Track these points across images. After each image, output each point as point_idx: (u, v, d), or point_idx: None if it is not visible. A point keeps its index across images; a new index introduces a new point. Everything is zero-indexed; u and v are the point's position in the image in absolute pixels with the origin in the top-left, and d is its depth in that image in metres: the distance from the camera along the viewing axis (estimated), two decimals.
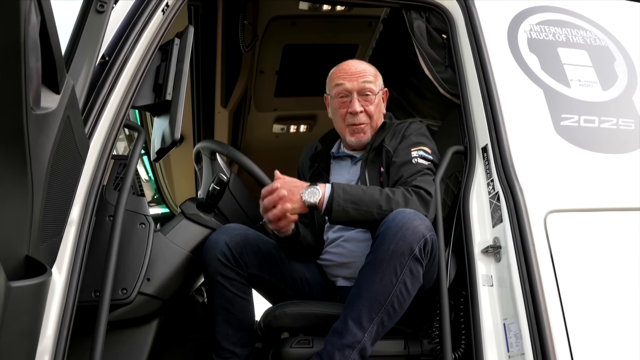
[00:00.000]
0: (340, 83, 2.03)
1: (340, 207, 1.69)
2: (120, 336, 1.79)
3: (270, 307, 1.86)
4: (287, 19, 3.06)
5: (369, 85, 2.02)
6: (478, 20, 2.10)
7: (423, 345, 1.78)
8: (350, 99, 2.01)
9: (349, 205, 1.70)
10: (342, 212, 1.69)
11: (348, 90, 2.01)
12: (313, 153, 2.20)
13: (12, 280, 0.92)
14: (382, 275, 1.54)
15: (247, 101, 3.58)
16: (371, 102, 2.02)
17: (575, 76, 2.06)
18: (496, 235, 1.76)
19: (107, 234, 1.63)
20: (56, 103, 1.11)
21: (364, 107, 2.01)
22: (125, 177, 1.65)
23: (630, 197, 1.80)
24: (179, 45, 1.85)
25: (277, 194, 1.69)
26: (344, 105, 2.02)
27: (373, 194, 1.73)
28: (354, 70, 2.04)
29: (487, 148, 1.90)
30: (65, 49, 1.56)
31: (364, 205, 1.70)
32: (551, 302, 1.60)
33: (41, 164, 1.08)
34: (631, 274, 1.68)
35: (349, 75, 2.03)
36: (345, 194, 1.71)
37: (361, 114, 2.00)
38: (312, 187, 1.73)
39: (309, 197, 1.71)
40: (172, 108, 1.75)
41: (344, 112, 2.03)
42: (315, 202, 1.70)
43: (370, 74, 2.05)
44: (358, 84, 2.01)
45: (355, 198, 1.71)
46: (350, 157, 2.12)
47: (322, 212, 1.72)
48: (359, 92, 2.01)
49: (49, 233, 1.19)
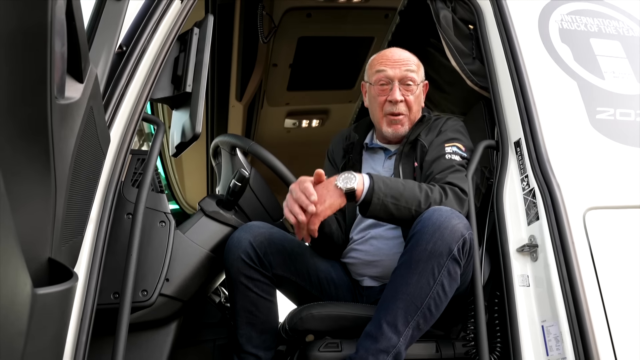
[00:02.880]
0: (382, 69, 1.94)
1: (380, 200, 1.58)
2: (138, 339, 1.71)
3: (296, 308, 1.78)
4: (303, 11, 2.98)
5: (412, 75, 1.93)
6: (508, 11, 2.02)
7: (455, 348, 1.71)
8: (391, 87, 1.92)
9: (389, 200, 1.58)
10: (380, 205, 1.58)
11: (389, 78, 1.93)
12: (348, 142, 2.10)
13: (36, 286, 0.84)
14: (419, 276, 1.46)
15: (261, 95, 3.50)
16: (412, 92, 1.93)
17: (609, 68, 1.97)
18: (532, 234, 1.68)
19: (125, 232, 1.56)
20: (80, 93, 1.03)
21: (405, 97, 1.92)
22: (145, 172, 1.58)
23: None
24: (198, 35, 1.78)
25: (308, 206, 1.53)
26: (383, 93, 1.94)
27: (413, 189, 1.63)
28: (397, 57, 1.96)
29: (520, 142, 1.82)
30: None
31: (403, 201, 1.60)
32: (593, 304, 1.53)
33: (64, 159, 1.00)
34: None
35: (391, 62, 1.94)
36: (386, 187, 1.60)
37: (401, 104, 1.92)
38: (346, 173, 1.61)
39: (345, 183, 1.58)
40: (193, 100, 1.67)
41: (382, 100, 1.94)
42: (353, 187, 1.58)
43: (414, 63, 1.97)
44: (400, 72, 1.92)
45: (396, 192, 1.60)
46: (383, 150, 2.03)
47: (359, 202, 1.61)
48: (401, 81, 1.92)
49: (70, 233, 1.12)
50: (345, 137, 2.14)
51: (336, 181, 1.60)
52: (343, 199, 1.59)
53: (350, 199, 1.60)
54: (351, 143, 2.09)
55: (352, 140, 2.09)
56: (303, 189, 1.57)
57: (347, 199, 1.60)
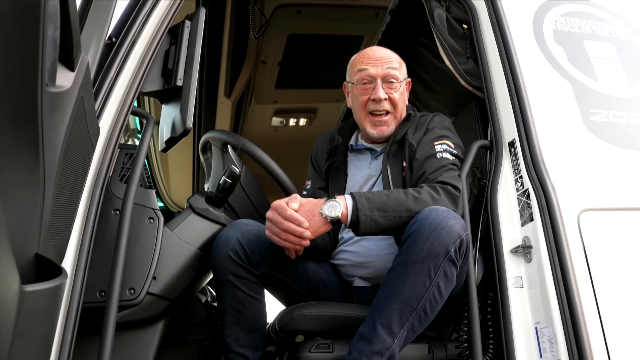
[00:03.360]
0: (364, 68, 1.91)
1: (367, 217, 1.56)
2: (124, 339, 1.66)
3: (287, 308, 1.75)
4: (293, 7, 2.94)
5: (394, 72, 1.90)
6: (502, 11, 2.01)
7: (448, 350, 1.69)
8: (373, 86, 1.89)
9: (376, 214, 1.57)
10: (369, 222, 1.56)
11: (372, 76, 1.90)
12: (332, 145, 2.07)
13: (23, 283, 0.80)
14: (415, 277, 1.44)
15: (249, 92, 3.45)
16: (396, 90, 1.90)
17: (602, 70, 1.98)
18: (526, 235, 1.67)
19: (112, 229, 1.52)
20: (71, 81, 0.98)
21: (388, 95, 1.89)
22: (133, 167, 1.53)
23: None
24: (190, 28, 1.73)
25: (302, 233, 1.56)
26: (366, 92, 1.90)
27: (398, 197, 1.61)
28: (378, 55, 1.93)
29: (514, 143, 1.81)
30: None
31: (391, 211, 1.57)
32: (587, 306, 1.52)
33: (54, 150, 0.95)
34: None
35: (373, 60, 1.91)
36: (369, 202, 1.58)
37: (385, 101, 1.89)
38: (330, 200, 1.61)
39: (329, 211, 1.58)
40: (184, 95, 1.63)
41: (365, 99, 1.90)
42: (337, 216, 1.58)
43: (395, 60, 1.94)
44: (383, 70, 1.89)
45: (380, 205, 1.58)
46: (369, 151, 2.00)
47: (348, 225, 1.60)
48: (383, 79, 1.89)
49: (58, 228, 1.07)
50: (329, 140, 2.11)
51: (321, 209, 1.59)
52: (328, 225, 1.60)
53: (335, 223, 1.61)
54: (335, 145, 2.06)
55: (336, 143, 2.06)
56: (289, 217, 1.57)
57: (332, 224, 1.60)
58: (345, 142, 2.04)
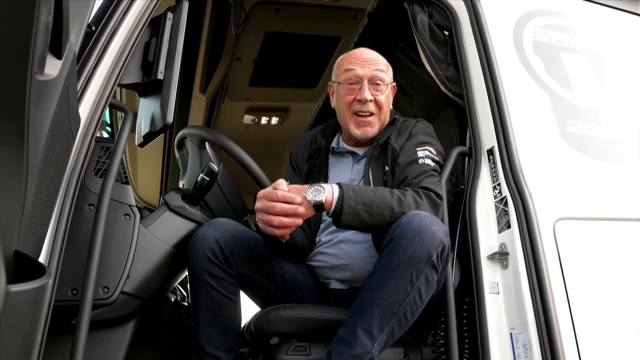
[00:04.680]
0: (351, 68, 1.90)
1: (351, 209, 1.55)
2: (94, 338, 1.60)
3: (263, 310, 1.72)
4: (272, 5, 2.91)
5: (381, 75, 1.90)
6: (484, 20, 2.04)
7: (423, 353, 1.70)
8: (360, 86, 1.88)
9: (360, 208, 1.56)
10: (352, 214, 1.55)
11: (359, 77, 1.89)
12: (314, 147, 2.05)
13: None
14: (397, 281, 1.43)
15: (224, 89, 3.40)
16: (382, 92, 1.90)
17: (578, 82, 2.03)
18: (503, 242, 1.69)
19: (87, 225, 1.46)
20: (57, 70, 0.94)
21: (374, 96, 1.88)
22: (111, 161, 1.48)
23: (636, 207, 1.78)
24: (172, 21, 1.69)
25: (296, 210, 1.52)
26: (352, 92, 1.89)
27: (384, 195, 1.60)
28: (366, 57, 1.93)
29: (493, 150, 1.83)
30: None
31: (375, 208, 1.57)
32: (562, 312, 1.56)
33: (38, 141, 0.91)
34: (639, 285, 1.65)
35: (361, 61, 1.91)
36: (355, 195, 1.57)
37: (370, 103, 1.88)
38: (315, 185, 1.59)
39: (314, 195, 1.56)
40: (165, 88, 1.58)
41: (351, 99, 1.89)
42: (321, 201, 1.56)
43: (383, 63, 1.94)
44: (370, 71, 1.89)
45: (366, 199, 1.57)
46: (351, 154, 1.99)
47: (330, 213, 1.58)
48: (370, 80, 1.89)
49: (37, 223, 1.02)
50: (310, 141, 2.09)
51: (305, 193, 1.57)
52: (311, 210, 1.57)
53: (318, 209, 1.59)
54: (318, 147, 2.04)
55: (318, 145, 2.04)
56: (281, 198, 1.53)
57: (315, 209, 1.58)
58: (328, 144, 2.03)
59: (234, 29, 2.66)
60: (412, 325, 1.58)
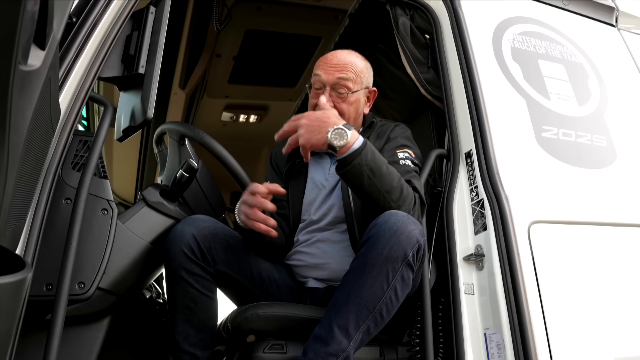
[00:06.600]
0: (317, 73, 1.89)
1: (361, 166, 1.55)
2: (67, 334, 1.57)
3: (240, 307, 1.71)
4: (253, 3, 2.90)
5: (345, 82, 1.85)
6: (465, 25, 2.07)
7: (398, 353, 1.71)
8: (323, 92, 1.86)
9: (367, 171, 1.55)
10: (357, 172, 1.55)
11: (322, 82, 1.87)
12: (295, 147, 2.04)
13: None
14: (373, 280, 1.45)
15: (203, 85, 3.37)
16: (344, 100, 1.85)
17: (554, 89, 2.07)
18: (478, 243, 1.72)
19: (63, 219, 1.44)
20: (40, 60, 0.92)
21: (335, 104, 1.84)
22: (90, 155, 1.46)
23: (607, 212, 1.83)
24: (154, 15, 1.67)
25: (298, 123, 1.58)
26: (315, 97, 1.88)
27: (393, 176, 1.60)
28: (335, 62, 1.89)
29: (471, 153, 1.86)
30: None
31: (378, 180, 1.57)
32: (535, 313, 1.59)
33: (19, 133, 0.89)
34: (610, 288, 1.70)
35: (328, 66, 1.88)
36: (372, 158, 1.57)
37: None
38: (340, 128, 1.57)
39: (335, 138, 1.55)
40: (146, 83, 1.56)
41: (313, 103, 1.87)
42: (339, 145, 1.56)
43: (353, 69, 1.89)
44: (333, 78, 1.85)
45: (376, 169, 1.57)
46: (329, 155, 1.98)
47: (337, 159, 1.58)
48: (333, 87, 1.86)
49: (15, 216, 1.00)
50: None
51: (328, 131, 1.57)
52: (325, 146, 1.58)
53: (329, 149, 1.59)
54: (298, 147, 2.04)
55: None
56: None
57: (328, 148, 1.58)
58: None
59: (216, 25, 2.65)
60: (388, 324, 1.60)
